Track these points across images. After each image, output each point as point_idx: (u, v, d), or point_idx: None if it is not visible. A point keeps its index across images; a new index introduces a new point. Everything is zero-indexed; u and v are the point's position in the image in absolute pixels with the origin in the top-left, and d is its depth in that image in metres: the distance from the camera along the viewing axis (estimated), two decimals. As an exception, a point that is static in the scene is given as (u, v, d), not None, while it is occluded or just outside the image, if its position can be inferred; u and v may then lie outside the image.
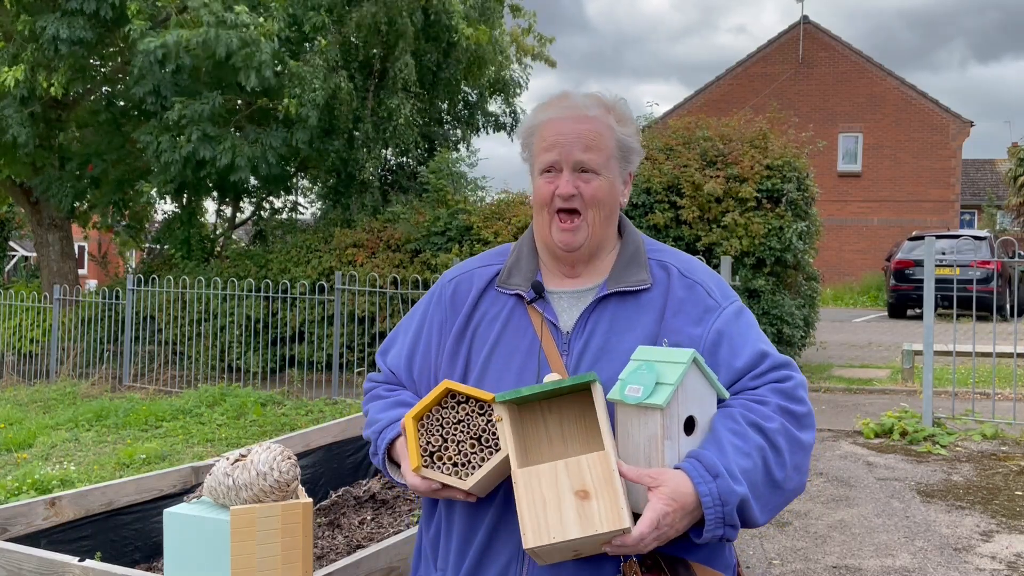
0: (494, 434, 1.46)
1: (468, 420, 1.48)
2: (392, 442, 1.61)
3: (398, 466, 1.62)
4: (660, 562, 1.43)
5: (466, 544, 1.56)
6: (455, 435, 1.48)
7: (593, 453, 1.37)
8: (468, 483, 1.44)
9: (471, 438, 1.47)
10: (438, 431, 1.49)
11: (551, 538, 1.32)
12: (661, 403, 1.35)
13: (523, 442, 1.47)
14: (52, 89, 10.17)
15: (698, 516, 1.38)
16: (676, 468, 1.38)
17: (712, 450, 1.41)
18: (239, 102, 11.77)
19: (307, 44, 11.28)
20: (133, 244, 15.01)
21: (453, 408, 1.50)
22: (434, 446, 1.48)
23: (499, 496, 1.52)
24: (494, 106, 14.47)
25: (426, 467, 1.47)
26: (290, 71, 10.38)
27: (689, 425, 1.43)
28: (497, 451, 1.44)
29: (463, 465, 1.46)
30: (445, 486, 1.47)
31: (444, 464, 1.47)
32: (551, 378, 1.48)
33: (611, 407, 1.43)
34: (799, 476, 1.49)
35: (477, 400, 1.49)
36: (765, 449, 1.44)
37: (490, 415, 1.47)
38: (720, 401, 1.50)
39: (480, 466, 1.44)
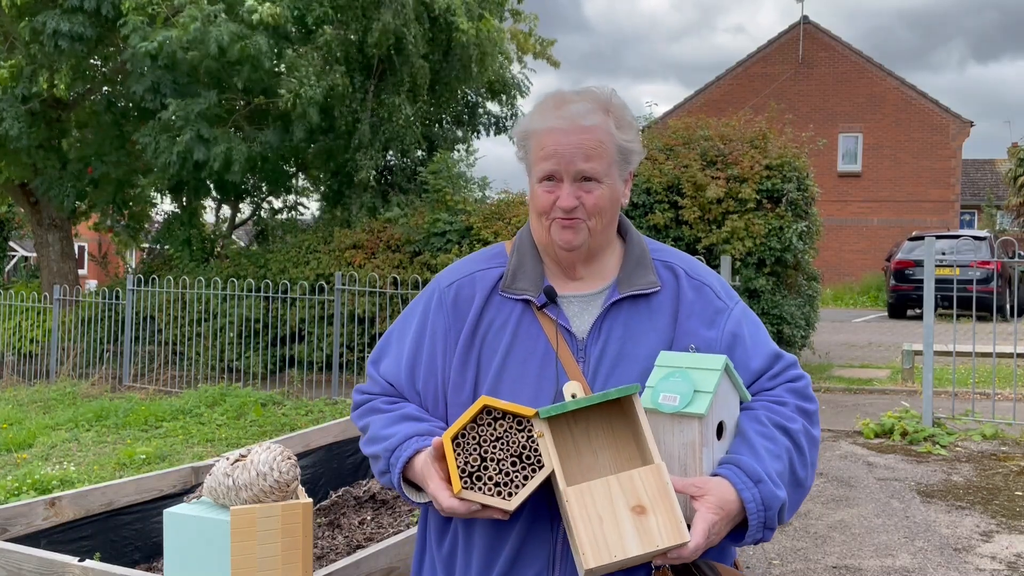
0: (535, 451, 1.40)
1: (507, 437, 1.41)
2: (409, 461, 1.52)
3: (413, 485, 1.55)
4: (689, 566, 1.42)
5: (490, 561, 1.50)
6: (494, 453, 1.41)
7: (645, 467, 1.35)
8: (513, 503, 1.38)
9: (511, 456, 1.41)
10: (475, 450, 1.42)
11: (612, 557, 1.29)
12: (703, 411, 1.35)
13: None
14: (56, 91, 10.17)
15: (739, 521, 1.39)
16: (716, 475, 1.39)
17: (747, 455, 1.42)
18: (241, 102, 11.77)
19: (310, 38, 11.26)
20: (132, 243, 14.98)
21: (490, 425, 1.42)
22: (472, 466, 1.41)
23: (525, 511, 1.47)
24: (496, 108, 14.48)
25: (466, 488, 1.40)
26: (287, 63, 10.36)
27: (719, 430, 1.43)
28: (539, 469, 1.39)
29: (505, 485, 1.40)
30: (484, 507, 1.40)
31: (485, 484, 1.40)
32: (571, 387, 1.45)
33: None
34: (814, 473, 1.54)
35: (515, 416, 1.42)
36: (791, 450, 1.47)
37: (529, 431, 1.41)
38: (741, 403, 1.51)
39: (523, 485, 1.39)
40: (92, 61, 11.74)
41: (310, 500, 2.00)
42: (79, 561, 2.06)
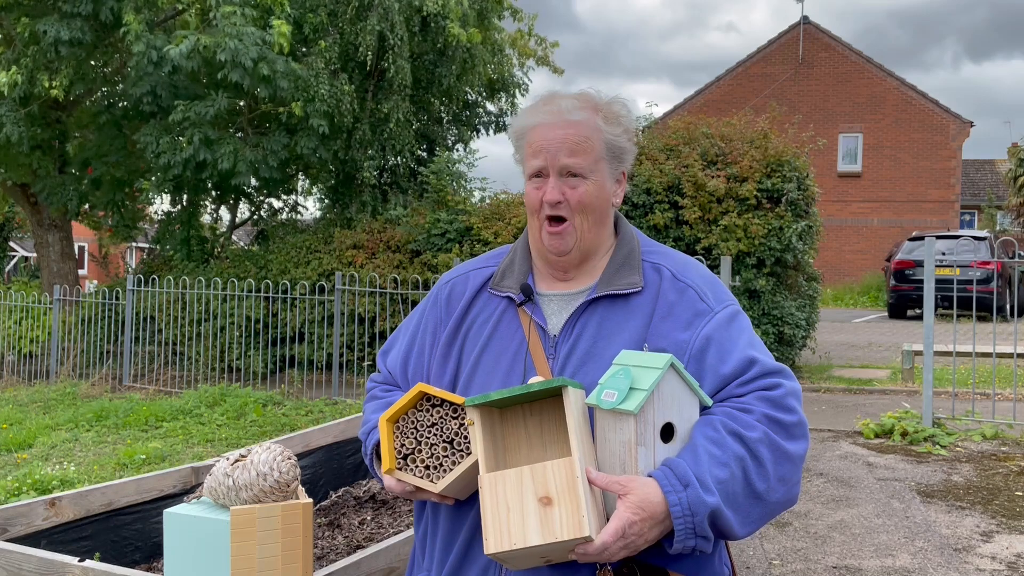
0: (467, 438, 1.46)
1: (442, 423, 1.50)
2: (378, 442, 1.63)
3: None
4: (636, 571, 1.40)
5: (449, 544, 1.57)
6: (428, 438, 1.50)
7: (559, 459, 1.36)
8: (439, 486, 1.46)
9: (444, 441, 1.49)
10: (412, 434, 1.52)
11: (512, 544, 1.32)
12: (632, 409, 1.33)
13: (503, 444, 1.46)
14: (54, 91, 10.14)
15: (669, 526, 1.34)
16: (648, 476, 1.35)
17: (687, 458, 1.37)
18: (240, 103, 11.75)
19: (305, 47, 11.27)
20: (123, 233, 14.73)
21: (428, 411, 1.52)
22: (408, 448, 1.51)
23: (479, 500, 1.51)
24: (495, 106, 14.48)
25: (399, 469, 1.50)
26: (295, 74, 10.37)
27: (667, 432, 1.39)
28: (469, 455, 1.45)
29: (435, 468, 1.48)
30: (418, 488, 1.49)
31: (417, 467, 1.49)
32: (534, 380, 1.47)
33: (592, 411, 1.42)
34: (785, 488, 1.44)
35: (451, 404, 1.50)
36: (745, 459, 1.39)
37: (463, 419, 1.47)
38: (704, 408, 1.46)
39: (451, 469, 1.46)
40: (92, 63, 11.72)
41: (310, 500, 1.99)
42: (79, 561, 2.06)
